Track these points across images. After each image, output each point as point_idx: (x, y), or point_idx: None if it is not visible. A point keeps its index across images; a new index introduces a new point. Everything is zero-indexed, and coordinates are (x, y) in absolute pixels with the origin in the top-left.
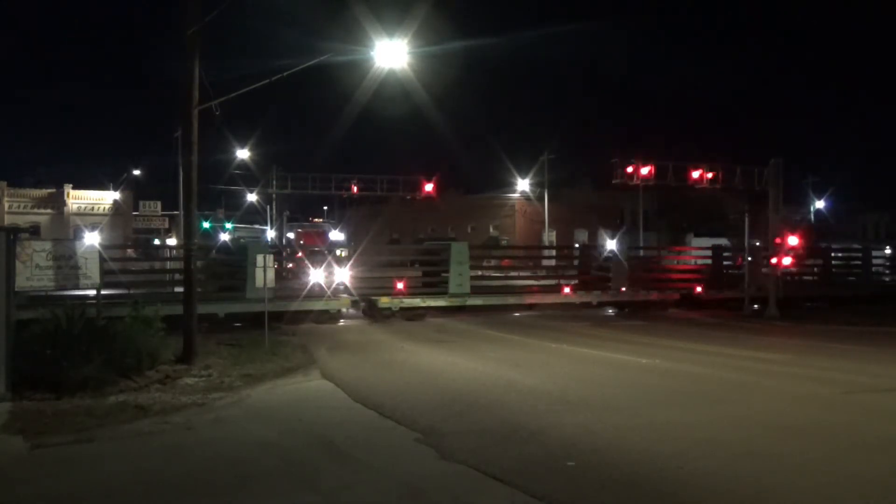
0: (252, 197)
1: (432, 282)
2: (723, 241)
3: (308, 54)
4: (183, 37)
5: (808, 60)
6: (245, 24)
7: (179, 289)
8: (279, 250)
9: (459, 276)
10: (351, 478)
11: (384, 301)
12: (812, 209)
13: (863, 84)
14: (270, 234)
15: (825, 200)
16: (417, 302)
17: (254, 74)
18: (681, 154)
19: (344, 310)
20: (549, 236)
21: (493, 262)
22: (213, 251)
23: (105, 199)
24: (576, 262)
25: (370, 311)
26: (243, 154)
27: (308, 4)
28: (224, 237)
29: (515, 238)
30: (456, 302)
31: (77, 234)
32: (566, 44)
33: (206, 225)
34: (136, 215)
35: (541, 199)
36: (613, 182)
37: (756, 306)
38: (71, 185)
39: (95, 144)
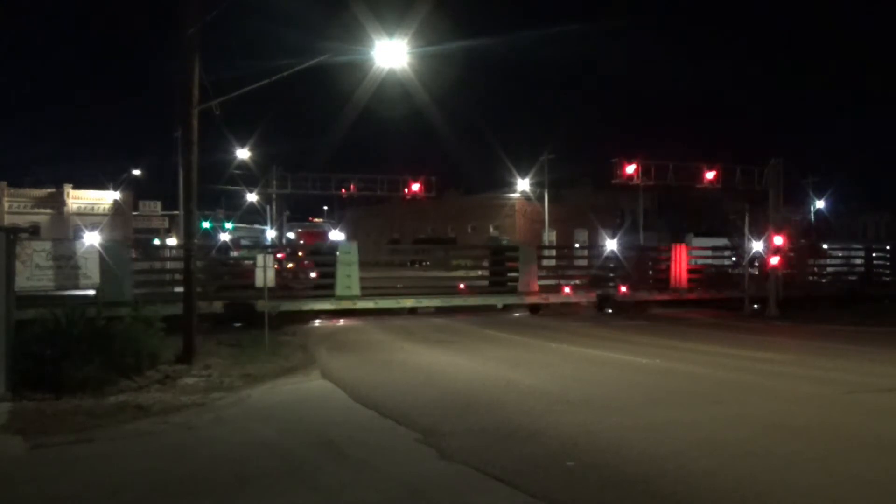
0: (252, 197)
1: (660, 276)
2: (723, 241)
3: (308, 54)
4: (183, 37)
5: (809, 60)
6: (245, 24)
7: (179, 289)
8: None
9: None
10: (351, 477)
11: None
12: (812, 209)
13: (863, 84)
14: (270, 234)
15: (825, 200)
16: (644, 295)
17: (253, 74)
18: (681, 154)
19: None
20: (550, 236)
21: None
22: (213, 251)
23: (105, 199)
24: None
25: (604, 303)
26: (243, 154)
27: (308, 4)
28: (224, 237)
29: (516, 238)
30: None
31: (77, 234)
32: (566, 44)
33: (206, 225)
34: (136, 215)
35: (541, 199)
36: (613, 182)
37: (756, 306)
38: (71, 185)
39: (95, 144)
